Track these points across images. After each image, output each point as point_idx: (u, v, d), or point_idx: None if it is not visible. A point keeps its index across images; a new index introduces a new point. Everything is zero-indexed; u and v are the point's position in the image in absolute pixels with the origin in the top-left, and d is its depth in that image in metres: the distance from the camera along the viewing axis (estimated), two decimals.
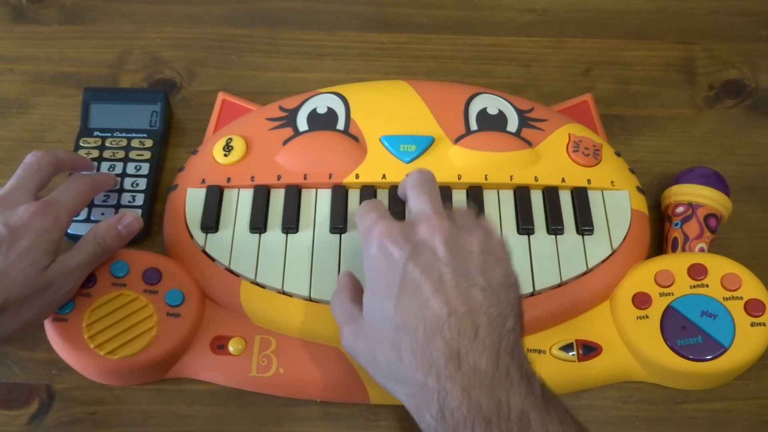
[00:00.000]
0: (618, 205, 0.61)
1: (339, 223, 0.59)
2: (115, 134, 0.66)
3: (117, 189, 0.63)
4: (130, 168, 0.64)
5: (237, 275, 0.58)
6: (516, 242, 0.59)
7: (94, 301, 0.56)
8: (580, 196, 0.61)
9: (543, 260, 0.58)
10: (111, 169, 0.64)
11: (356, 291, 0.53)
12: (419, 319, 0.46)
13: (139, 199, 0.63)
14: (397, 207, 0.59)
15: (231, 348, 0.57)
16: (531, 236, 0.60)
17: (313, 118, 0.65)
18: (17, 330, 0.52)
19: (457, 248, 0.48)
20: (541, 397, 0.44)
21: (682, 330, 0.56)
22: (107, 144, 0.65)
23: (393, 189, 0.61)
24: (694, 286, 0.57)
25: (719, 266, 0.58)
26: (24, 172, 0.56)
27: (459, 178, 0.61)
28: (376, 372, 0.49)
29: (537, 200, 0.61)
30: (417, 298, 0.46)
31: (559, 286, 0.58)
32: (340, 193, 0.61)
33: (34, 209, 0.53)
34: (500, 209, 0.61)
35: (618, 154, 0.65)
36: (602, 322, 0.58)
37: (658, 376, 0.57)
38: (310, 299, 0.57)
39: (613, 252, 0.59)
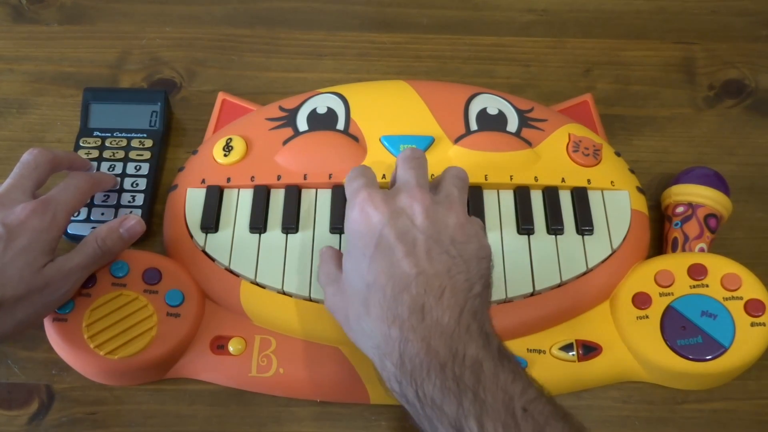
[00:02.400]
0: (618, 205, 0.61)
1: (339, 223, 0.59)
2: (115, 134, 0.66)
3: (117, 189, 0.63)
4: (130, 168, 0.64)
5: (237, 275, 0.58)
6: (516, 242, 0.59)
7: (94, 301, 0.56)
8: (580, 196, 0.61)
9: (543, 260, 0.58)
10: (111, 169, 0.64)
11: (340, 258, 0.55)
12: (389, 276, 0.48)
13: (139, 199, 0.63)
14: None
15: (231, 348, 0.57)
16: (531, 236, 0.60)
17: (313, 118, 0.65)
18: (13, 329, 0.52)
19: (434, 218, 0.51)
20: (497, 351, 0.46)
21: (682, 330, 0.56)
22: (107, 144, 0.65)
23: None
24: (694, 286, 0.57)
25: (719, 266, 0.58)
26: (21, 171, 0.56)
27: None
28: (348, 328, 0.52)
29: (537, 200, 0.61)
30: (389, 258, 0.49)
31: (559, 286, 0.58)
32: (340, 193, 0.61)
33: (32, 208, 0.53)
34: (500, 209, 0.61)
35: (618, 154, 0.65)
36: (602, 322, 0.58)
37: (658, 376, 0.57)
38: (310, 299, 0.57)
39: (613, 252, 0.59)
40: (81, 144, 0.65)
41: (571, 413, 0.45)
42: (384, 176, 0.61)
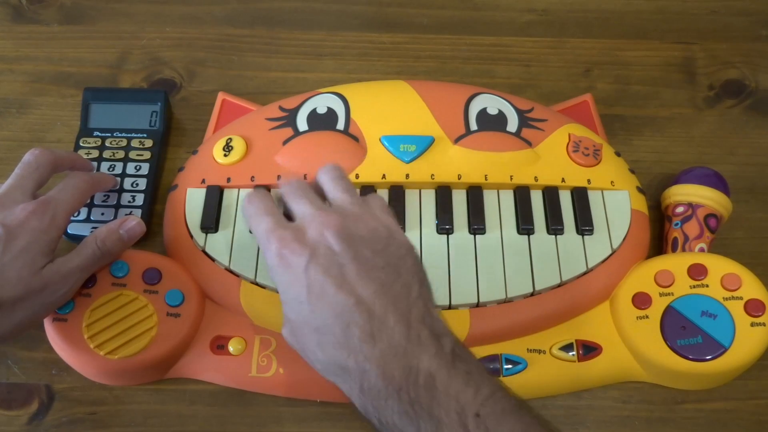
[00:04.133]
0: (618, 205, 0.61)
1: None
2: (115, 134, 0.66)
3: (117, 189, 0.63)
4: (130, 168, 0.64)
5: (237, 275, 0.58)
6: (516, 242, 0.59)
7: (94, 301, 0.56)
8: (580, 196, 0.61)
9: (543, 260, 0.58)
10: (111, 170, 0.64)
11: None
12: (333, 316, 0.48)
13: (139, 199, 0.63)
14: None
15: (231, 348, 0.57)
16: (531, 236, 0.60)
17: (313, 118, 0.65)
18: (12, 330, 0.52)
19: (349, 236, 0.50)
20: (450, 355, 0.46)
21: (682, 330, 0.56)
22: (107, 144, 0.65)
23: (393, 189, 0.61)
24: (694, 286, 0.57)
25: (719, 266, 0.58)
26: (22, 171, 0.56)
27: (459, 178, 0.61)
28: (314, 368, 0.51)
29: (537, 200, 0.61)
30: (325, 297, 0.48)
31: (559, 286, 0.58)
32: None
33: (31, 209, 0.53)
34: (500, 209, 0.61)
35: (618, 154, 0.65)
36: (602, 322, 0.58)
37: (658, 376, 0.57)
38: None
39: (613, 252, 0.59)
40: (81, 144, 0.65)
41: (526, 403, 0.45)
42: (384, 176, 0.61)
